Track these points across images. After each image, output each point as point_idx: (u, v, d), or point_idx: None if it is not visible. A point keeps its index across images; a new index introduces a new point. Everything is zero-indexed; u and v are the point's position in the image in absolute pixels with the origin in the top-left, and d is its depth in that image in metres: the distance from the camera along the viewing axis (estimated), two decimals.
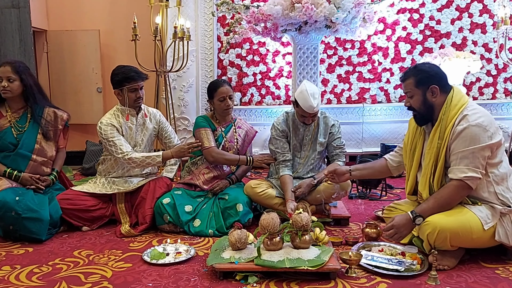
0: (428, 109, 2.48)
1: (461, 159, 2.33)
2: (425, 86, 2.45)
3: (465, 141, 2.32)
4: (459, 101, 2.41)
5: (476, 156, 2.31)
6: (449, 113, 2.41)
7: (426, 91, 2.46)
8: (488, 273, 2.29)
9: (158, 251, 2.56)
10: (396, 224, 2.41)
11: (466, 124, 2.32)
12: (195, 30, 5.14)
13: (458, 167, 2.33)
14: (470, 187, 2.33)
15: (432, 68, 2.52)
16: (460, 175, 2.32)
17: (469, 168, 2.31)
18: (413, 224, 2.39)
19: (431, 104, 2.46)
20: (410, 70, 2.55)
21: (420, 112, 2.52)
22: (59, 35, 5.51)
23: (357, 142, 5.38)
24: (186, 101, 5.26)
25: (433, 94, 2.45)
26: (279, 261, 2.26)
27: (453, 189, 2.35)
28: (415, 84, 2.48)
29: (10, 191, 2.83)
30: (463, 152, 2.32)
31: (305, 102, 3.00)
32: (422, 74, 2.47)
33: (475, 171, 2.31)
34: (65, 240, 2.90)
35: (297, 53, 4.51)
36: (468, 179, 2.31)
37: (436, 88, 2.44)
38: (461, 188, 2.34)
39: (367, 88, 5.43)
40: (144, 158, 3.11)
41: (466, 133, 2.32)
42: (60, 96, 5.52)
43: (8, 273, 2.37)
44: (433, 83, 2.44)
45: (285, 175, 3.09)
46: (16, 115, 3.06)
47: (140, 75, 3.15)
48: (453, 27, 5.31)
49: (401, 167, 2.83)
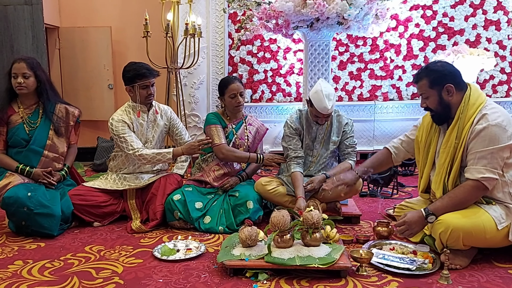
0: (445, 109, 2.43)
1: (479, 159, 2.28)
2: (440, 85, 2.40)
3: (484, 140, 2.27)
4: (477, 100, 2.36)
5: (495, 157, 2.26)
6: (467, 112, 2.35)
7: (442, 91, 2.40)
8: (501, 273, 2.25)
9: (169, 247, 2.57)
10: (408, 220, 2.38)
11: (485, 123, 2.27)
12: (206, 27, 5.14)
13: (476, 167, 2.29)
14: (486, 187, 2.29)
15: (445, 66, 2.46)
16: (477, 176, 2.28)
17: (487, 168, 2.27)
18: (425, 222, 2.36)
19: (448, 103, 2.41)
20: (422, 71, 2.48)
21: (437, 112, 2.47)
22: (71, 31, 5.55)
23: (368, 140, 5.35)
24: (196, 98, 5.26)
25: (449, 93, 2.39)
26: (290, 259, 2.25)
27: (469, 189, 2.31)
28: (429, 85, 2.43)
29: (22, 187, 2.85)
30: (482, 152, 2.28)
31: (319, 103, 2.97)
32: (436, 74, 2.41)
33: (493, 172, 2.27)
34: (77, 235, 2.92)
35: (308, 50, 4.49)
36: (485, 179, 2.27)
37: (452, 87, 2.38)
38: (477, 189, 2.30)
39: (378, 85, 5.40)
40: (155, 154, 3.12)
41: (485, 133, 2.27)
42: (71, 92, 5.57)
43: (21, 268, 2.39)
44: (448, 82, 2.38)
45: (296, 172, 3.08)
46: (28, 111, 3.08)
47: (151, 72, 3.15)
48: (466, 24, 5.26)
49: (404, 158, 2.84)
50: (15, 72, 2.98)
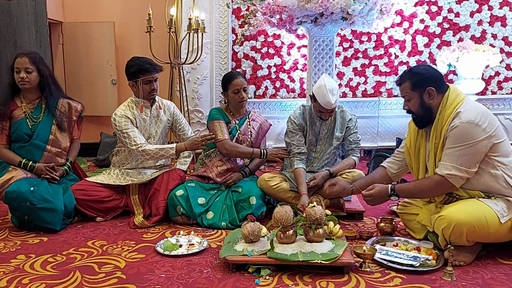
0: (426, 111, 2.45)
1: (448, 156, 2.32)
2: (421, 88, 2.43)
3: (455, 138, 2.30)
4: (455, 100, 2.39)
5: (464, 154, 2.28)
6: (444, 112, 2.39)
7: (423, 94, 2.43)
8: (505, 270, 2.24)
9: (171, 243, 2.56)
10: (374, 194, 2.56)
11: (458, 122, 2.30)
12: (210, 22, 5.12)
13: (444, 163, 2.33)
14: (452, 185, 2.33)
15: (427, 70, 2.48)
16: (444, 172, 2.32)
17: (454, 165, 2.29)
18: (388, 198, 2.56)
19: (429, 106, 2.44)
20: (405, 73, 2.52)
21: (418, 115, 2.50)
22: (74, 27, 5.55)
23: (372, 136, 5.32)
24: (200, 93, 5.25)
25: (430, 96, 2.42)
26: (292, 254, 2.24)
27: (434, 183, 2.37)
28: (411, 88, 2.45)
29: (25, 182, 2.85)
30: (451, 149, 2.31)
31: (323, 98, 2.96)
32: (418, 77, 2.44)
33: (460, 169, 2.29)
34: (79, 230, 2.91)
35: (312, 46, 4.46)
36: (450, 176, 2.30)
37: (433, 90, 2.41)
38: (442, 184, 2.34)
39: (383, 81, 5.37)
40: (158, 150, 3.11)
41: (456, 130, 2.30)
42: (75, 87, 5.57)
43: (23, 262, 2.39)
44: (429, 85, 2.41)
45: (299, 168, 3.06)
46: (31, 106, 3.07)
47: (154, 67, 3.14)
48: (472, 20, 5.21)
49: (401, 173, 2.81)
50: (17, 67, 2.97)
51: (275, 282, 2.13)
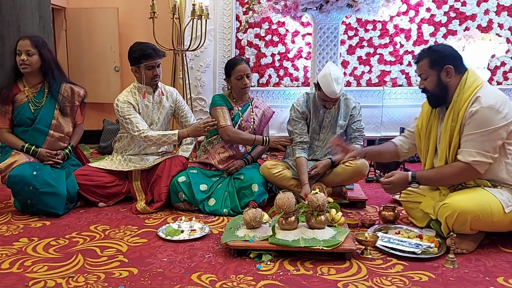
0: (442, 90, 2.42)
1: (470, 142, 2.29)
2: (440, 66, 2.40)
3: (476, 123, 2.27)
4: (473, 83, 2.36)
5: (487, 140, 2.26)
6: (462, 95, 2.35)
7: (441, 72, 2.40)
8: (508, 258, 2.23)
9: (173, 228, 2.56)
10: (394, 181, 2.50)
11: (478, 106, 2.27)
12: (214, 8, 5.07)
13: (468, 150, 2.29)
14: (477, 171, 2.29)
15: (446, 48, 2.46)
16: (468, 159, 2.28)
17: (478, 152, 2.26)
18: (408, 186, 2.51)
19: (446, 85, 2.41)
20: (424, 51, 2.49)
21: (434, 94, 2.46)
22: (78, 12, 5.52)
23: (376, 126, 5.30)
24: (203, 81, 5.22)
25: (448, 74, 2.39)
26: (294, 241, 2.24)
27: (458, 170, 2.33)
28: (430, 65, 2.42)
29: (27, 166, 2.85)
30: (473, 135, 2.28)
31: (327, 87, 2.93)
32: (437, 55, 2.41)
33: (485, 155, 2.26)
34: (82, 215, 2.92)
35: (317, 33, 4.43)
36: (476, 163, 2.27)
37: (451, 68, 2.38)
38: (466, 171, 2.31)
39: (387, 70, 5.34)
40: (160, 136, 3.10)
41: (478, 115, 2.26)
42: (77, 74, 5.55)
43: (26, 245, 2.40)
44: (448, 63, 2.39)
45: (301, 157, 3.05)
46: (33, 90, 3.06)
47: (157, 52, 3.12)
48: (478, 9, 5.17)
49: (410, 152, 2.79)
50: (19, 49, 2.96)
51: (276, 267, 2.13)
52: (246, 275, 2.05)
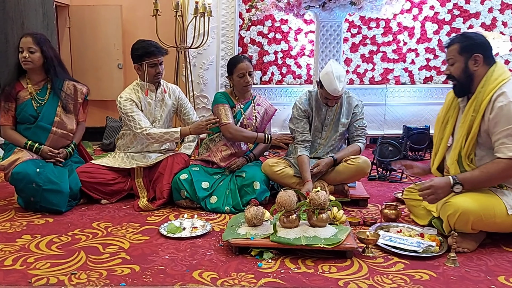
0: (467, 78, 2.39)
1: (507, 137, 2.23)
2: (469, 53, 2.37)
3: (508, 118, 2.23)
4: (500, 76, 2.33)
5: None
6: (487, 87, 2.32)
7: (469, 59, 2.37)
8: (509, 257, 2.23)
9: (175, 225, 2.57)
10: (435, 185, 2.31)
11: (506, 101, 2.24)
12: (217, 6, 5.07)
13: (507, 146, 2.23)
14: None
15: (479, 37, 2.43)
16: (510, 154, 2.22)
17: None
18: (450, 190, 2.30)
19: (472, 74, 2.38)
20: (456, 36, 2.48)
21: (459, 81, 2.43)
22: (81, 10, 5.53)
23: (379, 124, 5.29)
24: (205, 79, 5.23)
25: (476, 63, 2.37)
26: (295, 238, 2.24)
27: (503, 166, 2.24)
28: (459, 51, 2.40)
29: (31, 163, 2.87)
30: (508, 130, 2.23)
31: (329, 85, 2.93)
32: (468, 41, 2.39)
33: None
34: (85, 212, 2.93)
35: (320, 31, 4.42)
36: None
37: (480, 57, 2.36)
38: (511, 167, 2.24)
39: (391, 68, 5.32)
40: (162, 133, 3.11)
41: (507, 110, 2.23)
42: (81, 71, 5.56)
43: (29, 242, 2.41)
44: (477, 52, 2.36)
45: (303, 155, 3.06)
46: (36, 87, 3.07)
47: (160, 50, 3.13)
48: (482, 7, 5.14)
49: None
50: (21, 46, 2.98)
51: (277, 265, 2.14)
52: (247, 273, 2.06)
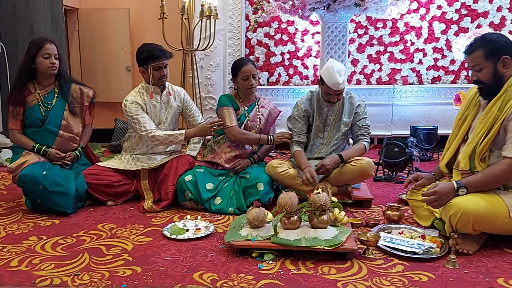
0: (497, 81, 2.34)
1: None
2: (496, 57, 2.31)
3: None
4: None
5: None
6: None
7: (497, 62, 2.32)
8: (510, 259, 2.22)
9: (178, 227, 2.60)
10: (439, 190, 2.30)
11: None
12: (223, 8, 5.10)
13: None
14: None
15: (501, 37, 2.36)
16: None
17: None
18: (455, 194, 2.29)
19: (501, 76, 2.33)
20: (476, 41, 2.38)
21: (488, 85, 2.37)
22: (90, 13, 5.60)
23: (386, 124, 5.27)
24: (213, 80, 5.26)
25: (505, 65, 2.31)
26: (296, 240, 2.26)
27: (506, 167, 2.23)
28: (485, 56, 2.32)
29: (38, 166, 2.92)
30: None
31: (330, 79, 2.95)
32: (493, 45, 2.32)
33: None
34: (90, 213, 2.98)
35: (325, 32, 4.43)
36: None
37: (508, 59, 2.30)
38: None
39: (398, 69, 5.30)
40: (167, 136, 3.15)
41: None
42: (90, 74, 5.65)
43: (35, 243, 2.46)
44: (505, 53, 2.30)
45: (298, 150, 3.16)
46: (43, 92, 3.13)
47: (164, 53, 3.17)
48: (491, 6, 5.10)
49: None
50: (48, 52, 3.02)
51: (277, 267, 2.15)
52: (247, 274, 2.08)
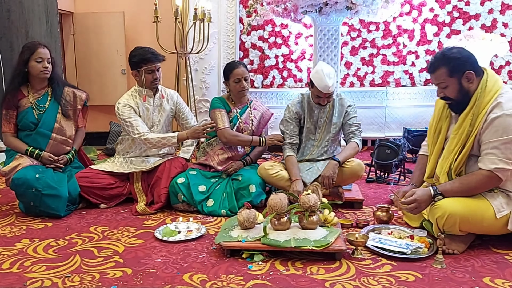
0: (464, 96, 2.35)
1: (493, 149, 2.24)
2: (460, 73, 2.31)
3: (497, 130, 2.22)
4: (493, 86, 2.30)
5: (509, 147, 2.22)
6: (483, 99, 2.29)
7: (462, 78, 2.32)
8: (497, 258, 2.25)
9: (170, 229, 2.62)
10: (418, 198, 2.34)
11: (500, 112, 2.21)
12: (218, 12, 5.15)
13: (489, 158, 2.24)
14: (499, 178, 2.25)
15: (462, 52, 2.35)
16: (490, 166, 2.23)
17: (501, 159, 2.22)
18: (432, 200, 2.34)
19: (467, 91, 2.33)
20: (438, 59, 2.37)
21: (456, 101, 2.39)
22: (85, 17, 5.64)
23: (379, 126, 5.31)
24: (207, 83, 5.30)
25: (469, 80, 2.32)
26: (285, 241, 2.28)
27: (482, 178, 2.27)
28: (449, 74, 2.32)
29: (30, 169, 2.94)
30: (495, 142, 2.23)
31: (320, 82, 2.98)
32: (455, 62, 2.31)
33: (507, 162, 2.22)
34: (83, 216, 3.00)
35: (317, 35, 4.47)
36: (498, 170, 2.22)
37: (472, 74, 2.31)
38: (490, 179, 2.26)
39: (391, 71, 5.35)
40: (160, 138, 3.17)
41: (499, 122, 2.22)
42: (85, 77, 5.68)
43: (27, 246, 2.48)
44: (468, 69, 2.30)
45: (290, 156, 3.14)
46: (37, 95, 3.15)
47: (156, 56, 3.19)
48: (482, 8, 5.15)
49: None
50: (41, 57, 3.05)
51: (267, 267, 2.18)
52: (236, 275, 2.10)
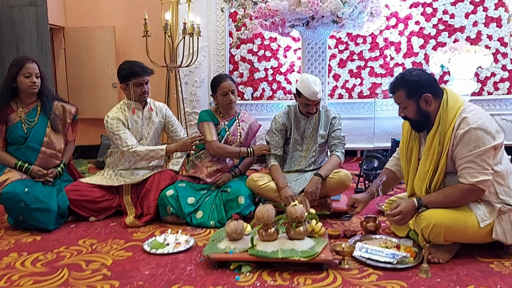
0: (423, 117, 2.42)
1: (469, 163, 2.27)
2: (417, 96, 2.38)
3: (469, 145, 2.27)
4: (455, 103, 2.36)
5: (483, 159, 2.26)
6: (447, 118, 2.35)
7: (419, 101, 2.39)
8: (481, 267, 2.28)
9: (159, 241, 2.64)
10: (404, 210, 2.37)
11: (467, 127, 2.27)
12: (207, 26, 5.21)
13: (469, 172, 2.27)
14: (482, 190, 2.28)
15: (421, 76, 2.42)
16: (471, 180, 2.26)
17: (479, 171, 2.26)
18: (416, 212, 2.38)
19: (426, 113, 2.41)
20: (398, 81, 2.45)
21: (416, 121, 2.47)
22: (76, 31, 5.67)
23: (368, 137, 5.35)
24: (198, 96, 5.34)
25: (427, 102, 2.38)
26: (273, 252, 2.30)
27: (465, 192, 2.30)
28: (407, 96, 2.40)
29: (19, 183, 2.95)
30: (470, 156, 2.27)
31: (307, 90, 3.02)
32: (412, 85, 2.39)
33: (485, 173, 2.26)
34: (72, 229, 3.00)
35: (305, 49, 4.52)
36: (480, 183, 2.26)
37: (429, 96, 2.37)
38: (472, 192, 2.29)
39: (378, 83, 5.40)
40: (148, 151, 3.19)
41: (469, 136, 2.26)
42: (76, 91, 5.70)
43: (15, 260, 2.48)
44: (425, 92, 2.37)
45: (274, 165, 3.21)
46: (26, 109, 3.16)
47: (145, 70, 3.23)
48: (467, 21, 5.23)
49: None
50: (29, 72, 3.06)
51: (254, 278, 2.20)
52: (224, 286, 2.12)
